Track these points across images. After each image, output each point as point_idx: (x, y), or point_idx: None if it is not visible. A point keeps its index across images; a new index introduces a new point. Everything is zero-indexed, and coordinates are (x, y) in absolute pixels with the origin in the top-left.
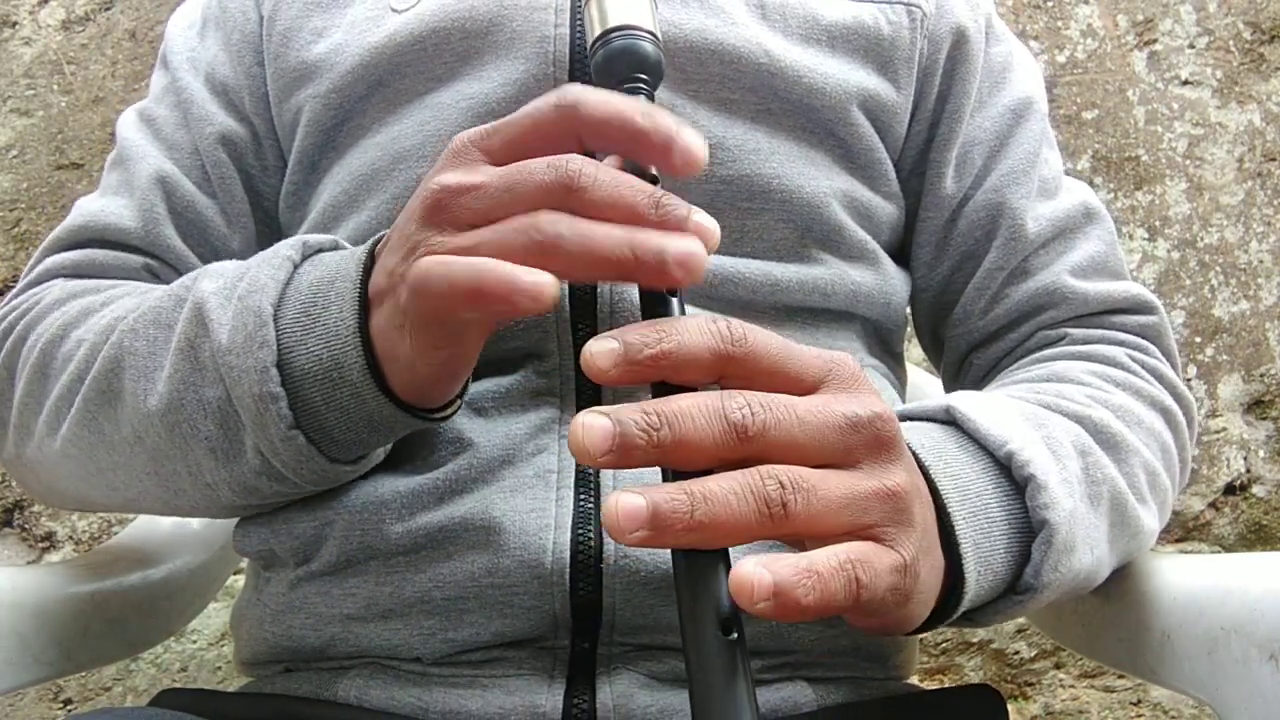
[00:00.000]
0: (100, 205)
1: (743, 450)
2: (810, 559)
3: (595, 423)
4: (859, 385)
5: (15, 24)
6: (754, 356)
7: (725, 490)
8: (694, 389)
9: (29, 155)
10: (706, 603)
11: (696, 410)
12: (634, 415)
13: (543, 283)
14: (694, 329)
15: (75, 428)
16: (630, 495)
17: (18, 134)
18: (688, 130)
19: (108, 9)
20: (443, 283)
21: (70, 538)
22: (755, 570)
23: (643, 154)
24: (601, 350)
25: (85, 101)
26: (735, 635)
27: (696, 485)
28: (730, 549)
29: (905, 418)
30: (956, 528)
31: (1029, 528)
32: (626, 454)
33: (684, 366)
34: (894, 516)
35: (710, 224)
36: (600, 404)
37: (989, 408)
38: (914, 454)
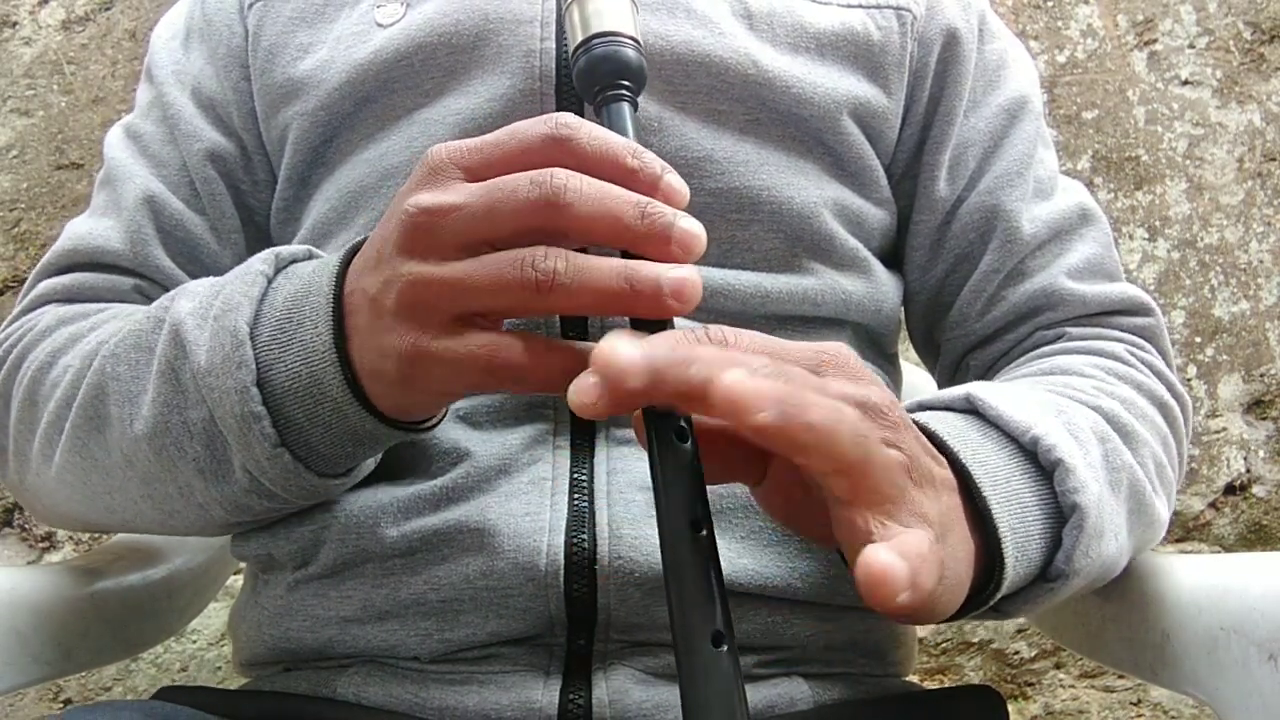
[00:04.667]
0: (89, 228)
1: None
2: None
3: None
4: (860, 374)
5: (15, 24)
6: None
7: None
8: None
9: (29, 155)
10: (699, 613)
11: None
12: (667, 342)
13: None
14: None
15: (67, 454)
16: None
17: (18, 134)
18: (672, 173)
19: (108, 9)
20: (447, 371)
21: (70, 538)
22: (889, 558)
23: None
24: (584, 386)
25: (85, 101)
26: (726, 647)
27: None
28: (721, 560)
29: (925, 407)
30: (994, 512)
31: (1058, 513)
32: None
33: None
34: (914, 478)
35: (695, 227)
36: (593, 421)
37: (1009, 394)
38: (941, 442)
